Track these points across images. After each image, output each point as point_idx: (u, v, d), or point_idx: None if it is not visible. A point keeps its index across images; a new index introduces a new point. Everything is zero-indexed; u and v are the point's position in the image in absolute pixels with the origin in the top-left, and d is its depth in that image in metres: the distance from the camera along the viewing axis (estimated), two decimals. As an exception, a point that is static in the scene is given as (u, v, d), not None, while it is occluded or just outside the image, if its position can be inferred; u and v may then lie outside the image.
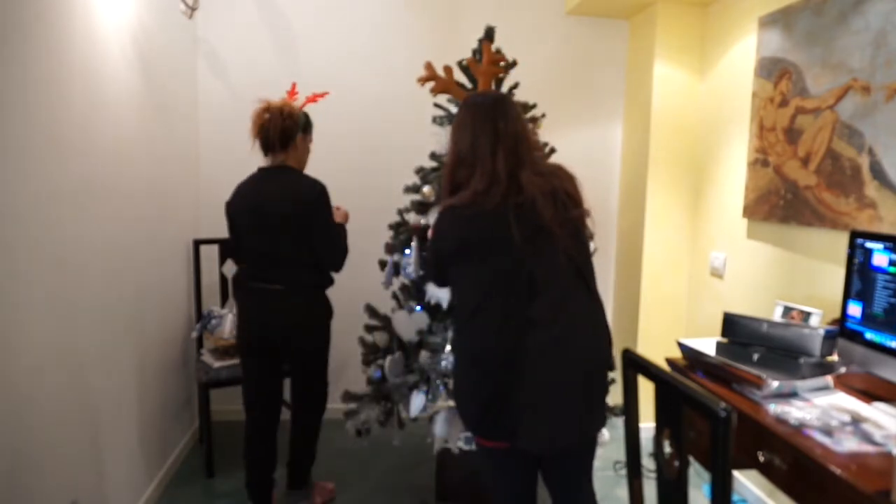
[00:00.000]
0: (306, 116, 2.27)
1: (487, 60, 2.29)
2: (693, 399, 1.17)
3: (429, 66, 2.19)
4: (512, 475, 1.62)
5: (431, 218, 2.37)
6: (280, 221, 2.10)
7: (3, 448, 1.46)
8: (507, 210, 1.45)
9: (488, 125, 1.51)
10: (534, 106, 2.48)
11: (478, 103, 1.57)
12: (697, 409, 1.15)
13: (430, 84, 2.34)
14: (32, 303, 1.58)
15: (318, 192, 2.15)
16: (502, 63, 2.35)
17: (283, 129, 2.15)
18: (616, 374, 2.60)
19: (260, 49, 3.08)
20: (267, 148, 2.19)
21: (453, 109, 2.42)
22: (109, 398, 2.05)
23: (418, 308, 2.34)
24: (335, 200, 2.24)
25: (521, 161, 1.50)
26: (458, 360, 1.60)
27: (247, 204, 2.16)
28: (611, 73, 3.34)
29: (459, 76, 2.42)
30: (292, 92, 2.37)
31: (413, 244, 2.32)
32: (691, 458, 1.93)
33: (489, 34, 2.39)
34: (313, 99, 2.42)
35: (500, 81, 2.43)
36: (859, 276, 1.65)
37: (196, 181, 3.07)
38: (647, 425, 3.60)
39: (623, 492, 2.66)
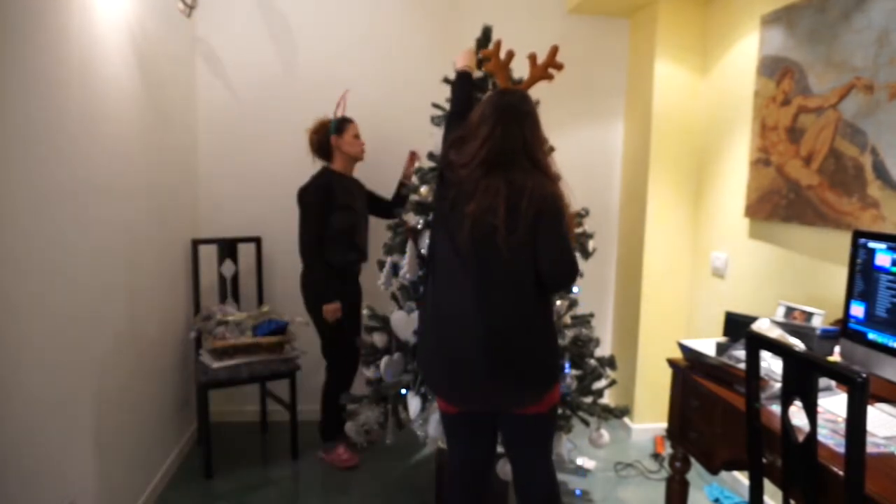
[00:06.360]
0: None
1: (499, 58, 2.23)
2: (827, 369, 1.27)
3: (498, 44, 2.16)
4: (453, 436, 1.82)
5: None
6: None
7: (1, 449, 1.45)
8: (475, 190, 1.59)
9: (493, 121, 1.63)
10: (536, 103, 2.45)
11: (501, 98, 1.69)
12: (834, 377, 1.28)
13: (437, 80, 2.28)
14: (29, 302, 1.57)
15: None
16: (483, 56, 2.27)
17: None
18: (616, 375, 2.61)
19: (258, 48, 3.07)
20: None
21: None
22: (107, 398, 2.04)
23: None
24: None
25: (508, 161, 1.61)
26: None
27: None
28: (612, 71, 3.32)
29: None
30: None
31: (408, 245, 2.30)
32: (691, 459, 1.92)
33: (486, 34, 2.37)
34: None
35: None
36: (862, 277, 1.64)
37: (195, 180, 3.07)
38: (647, 425, 3.58)
39: (623, 492, 2.65)
